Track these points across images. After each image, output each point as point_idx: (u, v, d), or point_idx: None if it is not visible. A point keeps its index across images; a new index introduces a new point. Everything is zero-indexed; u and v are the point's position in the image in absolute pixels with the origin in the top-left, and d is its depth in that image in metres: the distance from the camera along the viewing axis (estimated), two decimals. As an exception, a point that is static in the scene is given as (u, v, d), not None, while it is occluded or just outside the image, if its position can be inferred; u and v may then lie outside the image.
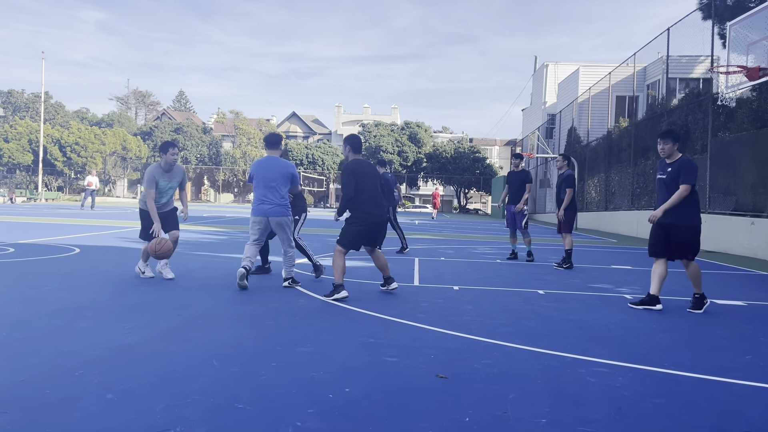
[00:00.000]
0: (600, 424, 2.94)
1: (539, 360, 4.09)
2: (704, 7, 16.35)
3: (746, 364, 4.17)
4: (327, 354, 4.04)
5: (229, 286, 6.81)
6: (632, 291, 7.48)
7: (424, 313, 5.61)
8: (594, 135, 28.66)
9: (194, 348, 4.08)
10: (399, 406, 3.11)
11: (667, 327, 5.35)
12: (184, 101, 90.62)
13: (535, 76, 46.63)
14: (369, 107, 73.85)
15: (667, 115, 19.18)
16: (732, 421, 3.05)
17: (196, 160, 63.23)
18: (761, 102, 14.13)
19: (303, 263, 9.06)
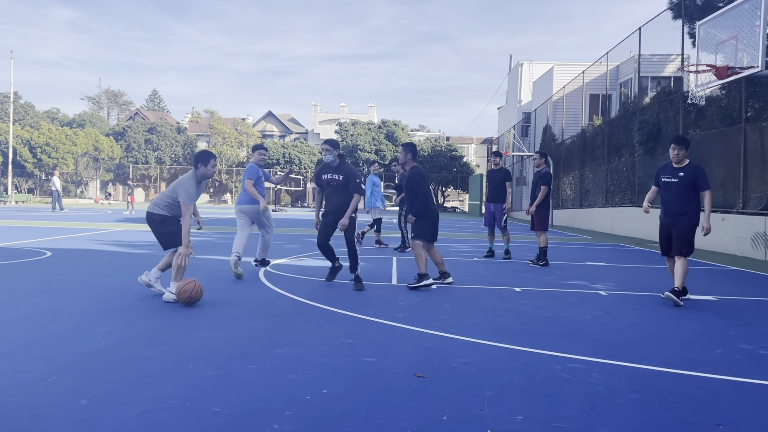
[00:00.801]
0: (575, 420, 2.99)
1: (516, 357, 4.13)
2: (674, 6, 16.63)
3: (716, 358, 4.26)
4: (304, 355, 4.04)
5: (205, 288, 6.74)
6: (607, 287, 7.59)
7: (402, 312, 5.62)
8: (568, 133, 28.99)
9: (170, 352, 4.04)
10: (377, 406, 3.12)
11: (640, 322, 5.44)
12: (158, 101, 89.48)
13: (510, 74, 46.97)
14: (346, 106, 73.71)
15: (640, 114, 19.47)
16: (702, 414, 3.12)
17: (170, 161, 62.49)
18: (730, 100, 14.43)
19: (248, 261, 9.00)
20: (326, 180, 7.07)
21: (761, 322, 5.60)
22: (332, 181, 7.03)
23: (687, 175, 6.45)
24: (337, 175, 6.99)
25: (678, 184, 6.47)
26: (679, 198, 6.45)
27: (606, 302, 6.48)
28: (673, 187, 6.52)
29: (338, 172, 7.00)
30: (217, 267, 8.67)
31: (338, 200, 7.02)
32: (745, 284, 8.24)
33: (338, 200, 7.02)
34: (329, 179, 7.04)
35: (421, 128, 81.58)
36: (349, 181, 6.94)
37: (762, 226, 11.94)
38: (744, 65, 9.16)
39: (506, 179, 10.65)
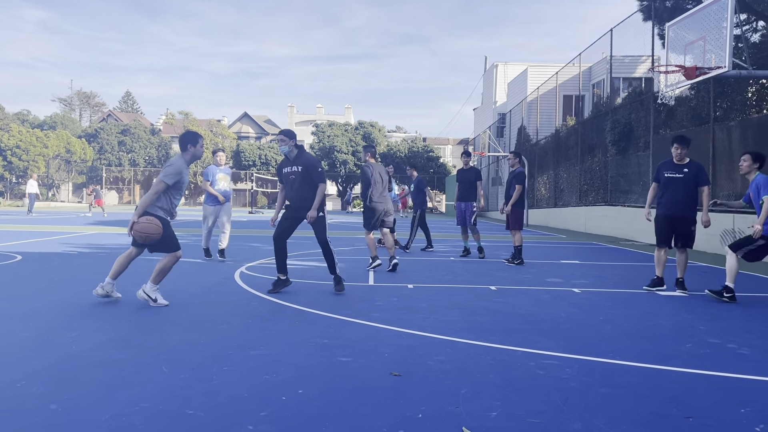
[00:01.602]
0: (548, 415, 3.02)
1: (491, 354, 4.17)
2: (645, 8, 16.91)
3: (686, 352, 4.34)
4: (280, 356, 4.02)
5: (179, 290, 6.68)
6: (581, 285, 7.69)
7: (378, 312, 5.63)
8: (543, 133, 29.28)
9: (142, 354, 3.99)
10: (352, 405, 3.12)
11: (612, 319, 5.52)
12: (131, 102, 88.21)
13: (485, 76, 47.31)
14: (322, 107, 73.56)
15: (612, 114, 19.76)
16: (673, 407, 3.17)
17: (144, 162, 61.68)
18: (699, 100, 14.71)
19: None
20: (285, 173, 6.64)
21: (729, 316, 5.72)
22: (291, 174, 6.58)
23: (691, 171, 6.97)
24: (295, 167, 6.55)
25: (683, 179, 6.96)
26: (685, 193, 6.94)
27: (579, 299, 6.56)
28: (678, 182, 6.98)
29: (296, 164, 6.54)
30: (191, 270, 8.58)
31: (298, 194, 6.55)
32: (714, 280, 8.41)
33: (298, 194, 6.55)
34: (288, 172, 6.62)
35: (398, 129, 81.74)
36: (310, 172, 6.50)
37: (730, 223, 12.20)
38: (712, 66, 9.35)
39: (477, 179, 10.77)
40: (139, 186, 63.19)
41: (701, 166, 7.07)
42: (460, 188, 10.91)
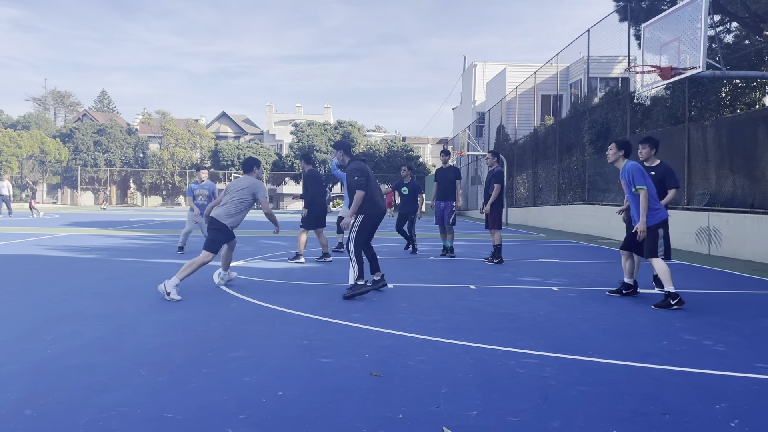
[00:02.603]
0: (528, 414, 3.04)
1: (471, 354, 4.18)
2: (621, 9, 17.11)
3: (663, 349, 4.40)
4: (259, 358, 3.99)
5: (156, 293, 6.59)
6: (559, 283, 7.76)
7: (358, 312, 5.62)
8: (521, 133, 29.50)
9: (120, 358, 3.93)
10: (333, 406, 3.11)
11: (591, 317, 5.57)
12: (107, 102, 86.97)
13: (464, 75, 47.51)
14: (301, 107, 73.20)
15: (589, 113, 19.97)
16: (651, 404, 3.21)
17: (121, 163, 60.87)
18: (674, 100, 14.93)
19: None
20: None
21: (705, 313, 5.81)
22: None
23: (658, 173, 6.81)
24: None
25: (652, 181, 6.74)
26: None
27: (558, 298, 6.62)
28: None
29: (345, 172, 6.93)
30: (169, 271, 8.47)
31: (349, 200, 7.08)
32: (690, 278, 8.54)
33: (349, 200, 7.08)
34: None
35: (377, 129, 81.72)
36: (348, 179, 6.72)
37: (705, 221, 12.40)
38: (687, 66, 9.49)
39: (457, 177, 10.80)
40: (116, 186, 62.35)
41: (670, 169, 6.87)
42: (439, 187, 10.92)
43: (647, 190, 6.13)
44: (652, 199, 6.22)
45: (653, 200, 6.24)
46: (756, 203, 11.50)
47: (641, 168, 6.28)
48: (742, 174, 12.07)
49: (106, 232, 16.58)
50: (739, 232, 11.37)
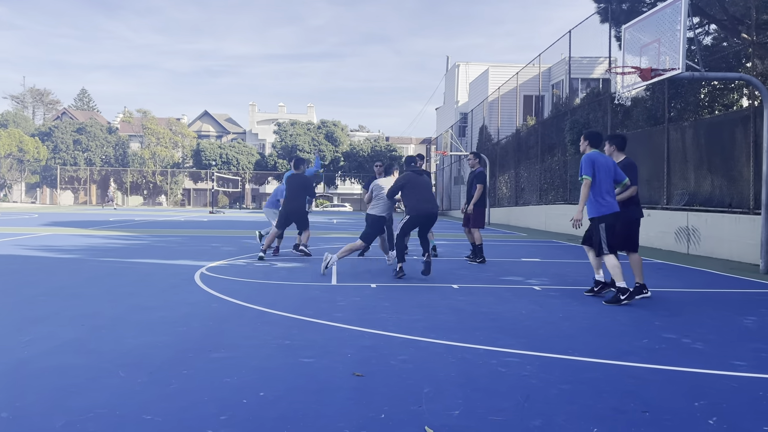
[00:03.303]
0: (510, 413, 3.05)
1: (453, 353, 4.19)
2: (602, 11, 17.26)
3: (643, 347, 4.44)
4: (241, 359, 3.95)
5: (137, 292, 6.52)
6: (541, 282, 7.80)
7: (341, 312, 5.60)
8: (504, 133, 29.65)
9: (98, 359, 3.88)
10: (315, 406, 3.09)
11: (572, 315, 5.61)
12: (87, 100, 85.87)
13: (447, 75, 47.64)
14: (284, 106, 72.90)
15: (571, 114, 20.13)
16: (631, 402, 3.24)
17: (101, 162, 60.14)
18: (654, 101, 15.11)
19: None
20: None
21: (684, 312, 5.88)
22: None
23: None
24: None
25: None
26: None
27: (540, 297, 6.66)
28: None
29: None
30: (148, 270, 8.39)
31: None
32: (669, 276, 8.64)
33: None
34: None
35: (360, 128, 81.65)
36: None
37: (684, 221, 12.56)
38: (666, 67, 9.59)
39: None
40: (96, 186, 61.61)
41: (631, 165, 6.84)
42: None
43: (590, 181, 6.24)
44: (603, 192, 6.25)
45: (604, 193, 6.26)
46: (734, 203, 11.67)
47: (594, 159, 6.29)
48: (720, 174, 12.25)
49: (85, 232, 16.37)
50: (717, 231, 11.53)
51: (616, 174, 6.44)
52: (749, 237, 10.52)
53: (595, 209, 6.33)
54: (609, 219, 6.27)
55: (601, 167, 6.31)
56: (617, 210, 6.31)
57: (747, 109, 11.78)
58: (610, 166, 6.40)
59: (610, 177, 6.36)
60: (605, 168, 6.33)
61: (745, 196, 11.19)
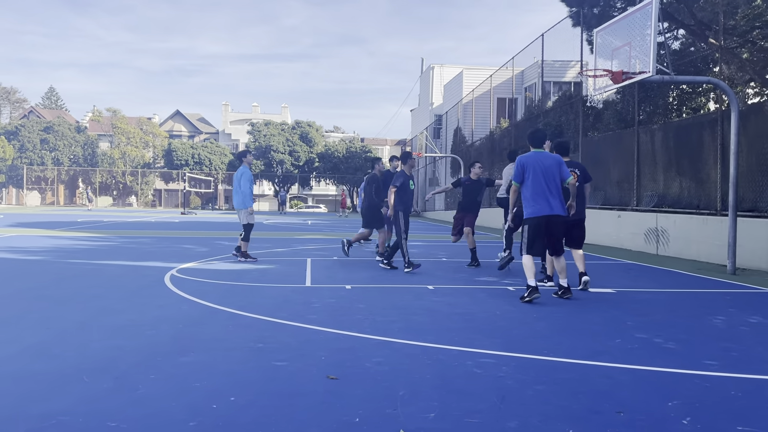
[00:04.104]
0: (485, 414, 3.02)
1: (428, 354, 4.15)
2: (574, 15, 17.45)
3: (616, 347, 4.46)
4: (211, 362, 3.86)
5: (104, 294, 6.36)
6: (515, 283, 7.82)
7: (315, 314, 5.53)
8: (478, 135, 29.82)
9: (62, 364, 3.75)
10: (287, 411, 3.02)
11: (546, 316, 5.62)
12: (55, 98, 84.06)
13: (422, 77, 47.78)
14: (258, 106, 72.27)
15: (543, 116, 20.32)
16: (605, 402, 3.24)
17: (69, 161, 58.90)
18: (624, 104, 15.32)
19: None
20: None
21: (655, 311, 5.94)
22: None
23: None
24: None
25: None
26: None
27: (514, 297, 6.67)
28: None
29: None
30: (116, 272, 8.20)
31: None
32: (640, 277, 8.74)
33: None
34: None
35: (336, 129, 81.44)
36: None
37: (654, 222, 12.75)
38: (637, 70, 9.72)
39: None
40: (64, 186, 60.32)
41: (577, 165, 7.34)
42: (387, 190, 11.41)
43: (518, 187, 6.47)
44: (531, 195, 6.34)
45: (536, 195, 6.32)
46: (701, 205, 11.88)
47: (524, 163, 6.39)
48: (689, 176, 12.46)
49: (52, 233, 15.98)
50: (685, 232, 11.72)
51: (561, 173, 6.44)
52: (716, 238, 10.71)
53: (524, 211, 6.49)
54: (531, 221, 6.39)
55: (532, 169, 6.35)
56: (544, 214, 6.31)
57: (714, 112, 12.00)
58: (544, 167, 6.35)
59: (545, 178, 6.32)
60: (538, 169, 6.33)
61: (713, 198, 11.40)
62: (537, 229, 6.38)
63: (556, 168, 6.40)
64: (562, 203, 6.41)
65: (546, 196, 6.31)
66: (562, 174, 6.42)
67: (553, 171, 6.37)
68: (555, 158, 6.50)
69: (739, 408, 3.18)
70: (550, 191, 6.33)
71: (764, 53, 13.91)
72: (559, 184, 6.42)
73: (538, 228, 6.38)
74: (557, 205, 6.34)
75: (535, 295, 6.24)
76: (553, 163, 6.41)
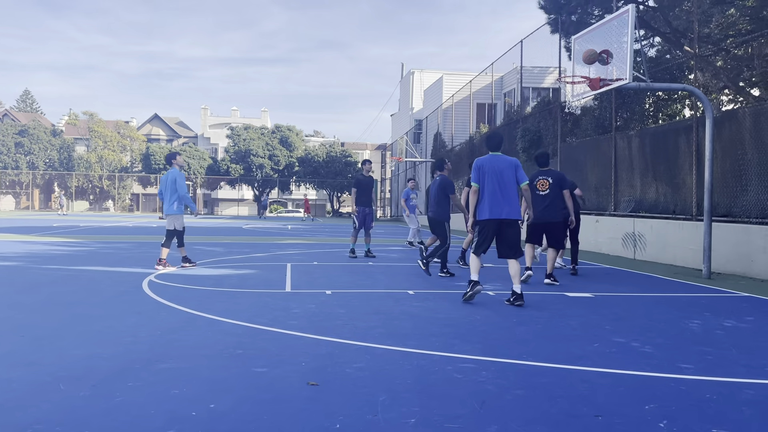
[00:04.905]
0: (466, 419, 3.03)
1: (409, 360, 4.15)
2: (552, 22, 17.67)
3: (594, 351, 4.51)
4: (190, 369, 3.82)
5: (81, 301, 6.27)
6: (494, 287, 7.87)
7: (295, 319, 5.50)
8: (458, 140, 29.99)
9: (37, 372, 3.69)
10: (267, 417, 3.00)
11: (525, 320, 5.67)
12: (30, 101, 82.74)
13: (402, 82, 47.93)
14: (238, 110, 71.91)
15: (522, 122, 20.49)
16: (584, 406, 3.27)
17: (44, 165, 57.98)
18: (602, 110, 15.53)
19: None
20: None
21: (632, 316, 6.02)
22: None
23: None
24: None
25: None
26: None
27: (494, 302, 6.71)
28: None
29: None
30: (93, 277, 8.09)
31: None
32: (617, 281, 8.85)
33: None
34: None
35: (315, 134, 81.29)
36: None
37: (631, 227, 12.93)
38: (614, 77, 9.86)
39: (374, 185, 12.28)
40: (39, 190, 59.33)
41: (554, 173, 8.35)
42: (365, 194, 11.92)
43: (477, 188, 6.54)
44: (485, 197, 6.48)
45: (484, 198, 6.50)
46: (677, 210, 12.07)
47: (479, 165, 6.56)
48: (665, 182, 12.65)
49: (26, 238, 15.70)
50: (662, 237, 11.90)
51: (518, 176, 6.54)
52: (692, 242, 10.89)
53: (477, 213, 6.63)
54: (482, 223, 6.57)
55: (487, 172, 6.48)
56: (495, 217, 6.43)
57: (690, 119, 12.22)
58: (500, 170, 6.46)
59: (499, 181, 6.44)
60: (493, 172, 6.46)
61: (689, 203, 11.59)
62: (487, 231, 6.55)
63: (512, 171, 6.52)
64: (515, 207, 6.53)
65: (499, 200, 6.45)
66: (518, 177, 6.56)
67: (508, 174, 6.49)
68: (511, 161, 6.59)
69: (714, 411, 3.23)
70: (503, 195, 6.46)
71: (738, 61, 14.21)
72: (515, 188, 6.57)
73: (489, 230, 6.54)
74: (510, 209, 6.46)
75: (477, 287, 6.50)
76: (508, 167, 6.52)
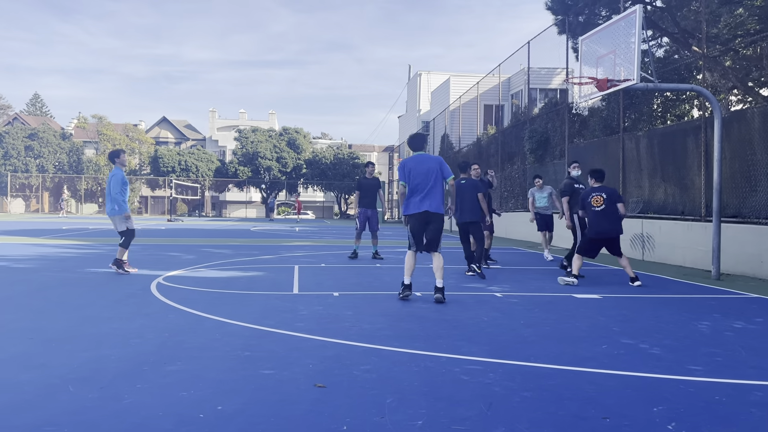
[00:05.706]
0: (473, 422, 3.03)
1: (416, 362, 4.15)
2: (559, 22, 17.63)
3: (602, 353, 4.49)
4: (198, 371, 3.84)
5: (89, 304, 6.30)
6: (502, 289, 7.86)
7: (302, 321, 5.52)
8: (465, 141, 29.94)
9: (47, 374, 3.71)
10: (275, 419, 3.01)
11: (533, 322, 5.65)
12: (40, 105, 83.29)
13: (409, 84, 47.93)
14: (245, 112, 72.09)
15: (530, 123, 20.46)
16: (591, 408, 3.26)
17: (54, 168, 58.35)
18: (610, 111, 15.47)
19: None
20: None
21: (641, 317, 5.99)
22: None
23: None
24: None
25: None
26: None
27: (502, 304, 6.70)
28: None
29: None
30: (101, 281, 8.14)
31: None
32: (625, 283, 8.80)
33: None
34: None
35: (323, 136, 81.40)
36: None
37: (639, 228, 12.86)
38: (622, 78, 9.82)
39: (378, 187, 12.32)
40: (48, 193, 59.73)
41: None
42: (368, 196, 11.92)
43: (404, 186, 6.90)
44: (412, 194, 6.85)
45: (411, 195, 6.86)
46: (686, 211, 12.00)
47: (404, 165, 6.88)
48: (673, 183, 12.59)
49: (36, 241, 15.81)
50: (670, 238, 11.84)
51: (443, 172, 6.91)
52: (701, 244, 10.83)
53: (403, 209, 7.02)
54: (410, 218, 6.90)
55: (413, 171, 6.82)
56: (422, 210, 6.79)
57: (698, 119, 12.15)
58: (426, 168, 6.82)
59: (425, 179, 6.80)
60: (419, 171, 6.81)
61: (697, 204, 11.52)
62: (415, 225, 6.89)
63: (437, 168, 6.90)
64: (438, 202, 6.88)
65: (423, 196, 6.82)
66: (443, 173, 6.93)
67: (434, 171, 6.87)
68: (436, 159, 6.97)
69: (723, 413, 3.21)
70: (428, 191, 6.84)
71: (746, 61, 14.12)
72: (440, 185, 6.91)
73: (417, 224, 6.88)
74: (432, 203, 6.83)
75: (407, 293, 6.78)
76: (434, 165, 6.90)
